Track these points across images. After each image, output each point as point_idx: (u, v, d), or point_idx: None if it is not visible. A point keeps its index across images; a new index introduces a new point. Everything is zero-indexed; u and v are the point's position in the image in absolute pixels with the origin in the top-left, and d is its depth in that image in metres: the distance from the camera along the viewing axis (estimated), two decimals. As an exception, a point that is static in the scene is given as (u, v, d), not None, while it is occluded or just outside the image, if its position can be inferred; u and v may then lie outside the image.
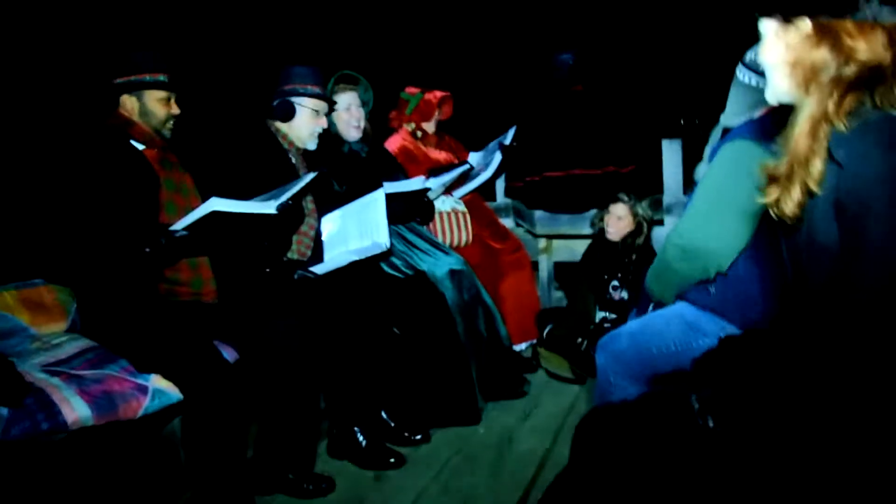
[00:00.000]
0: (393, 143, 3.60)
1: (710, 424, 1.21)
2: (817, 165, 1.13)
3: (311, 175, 2.45)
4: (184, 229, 2.09)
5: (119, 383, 2.06)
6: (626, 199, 3.37)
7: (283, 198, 2.27)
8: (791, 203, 1.16)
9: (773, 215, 1.21)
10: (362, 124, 3.09)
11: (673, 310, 2.00)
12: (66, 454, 1.98)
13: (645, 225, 3.38)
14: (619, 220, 3.37)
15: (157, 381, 2.10)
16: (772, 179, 1.20)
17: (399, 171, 3.29)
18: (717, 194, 1.80)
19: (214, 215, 2.06)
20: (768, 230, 1.61)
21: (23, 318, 2.32)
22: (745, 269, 1.80)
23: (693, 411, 1.24)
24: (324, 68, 2.98)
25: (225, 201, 2.07)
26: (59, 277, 2.36)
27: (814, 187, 1.14)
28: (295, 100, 2.75)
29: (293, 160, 2.80)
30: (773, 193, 1.19)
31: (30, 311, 2.35)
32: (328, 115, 2.92)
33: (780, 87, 1.23)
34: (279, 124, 2.79)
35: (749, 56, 1.97)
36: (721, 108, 2.17)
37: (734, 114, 2.00)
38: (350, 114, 3.05)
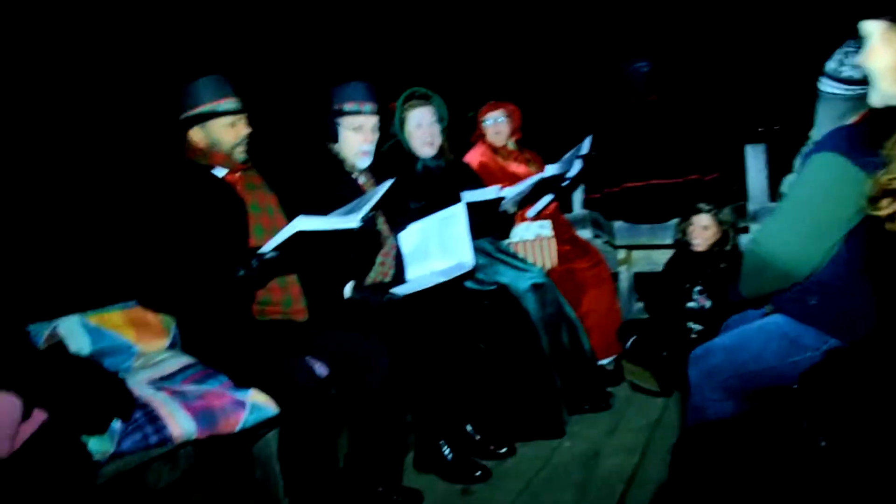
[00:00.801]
0: (472, 158, 3.62)
1: (822, 444, 1.17)
2: None
3: (388, 183, 2.43)
4: (272, 251, 2.16)
5: (219, 398, 2.14)
6: (707, 208, 3.29)
7: (364, 210, 2.31)
8: None
9: (878, 229, 1.17)
10: (436, 141, 3.08)
11: (770, 322, 1.95)
12: (171, 468, 2.07)
13: (731, 232, 3.30)
14: (704, 230, 3.29)
15: (254, 397, 2.18)
16: (885, 193, 1.15)
17: (478, 182, 3.29)
18: (799, 206, 1.77)
19: (301, 234, 2.12)
20: (874, 243, 1.51)
21: (129, 336, 2.43)
22: (851, 282, 1.75)
23: (801, 430, 1.20)
24: (397, 86, 3.01)
25: (309, 219, 2.12)
26: (153, 306, 2.43)
27: None
28: (336, 120, 2.77)
29: (360, 180, 2.83)
30: (887, 207, 1.14)
31: (135, 330, 2.46)
32: (393, 130, 2.93)
33: (888, 92, 1.18)
34: (335, 147, 2.81)
35: (831, 66, 1.95)
36: (802, 112, 2.11)
37: (824, 127, 1.94)
38: (421, 131, 3.05)
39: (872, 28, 1.17)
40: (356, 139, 2.77)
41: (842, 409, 1.22)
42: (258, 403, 2.17)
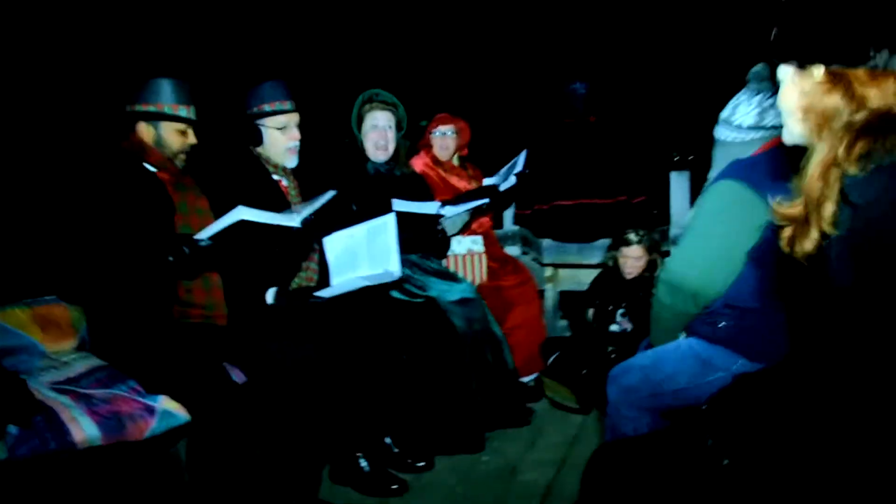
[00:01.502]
0: (413, 165, 3.61)
1: (725, 463, 1.21)
2: (829, 208, 1.15)
3: (331, 193, 2.43)
4: (208, 238, 2.10)
5: (127, 403, 2.07)
6: (637, 238, 3.32)
7: (306, 212, 2.28)
8: (808, 244, 1.17)
9: (784, 253, 1.23)
10: (391, 147, 3.08)
11: (684, 344, 2.03)
12: (72, 474, 1.97)
13: (658, 259, 3.38)
14: (636, 261, 3.35)
15: (164, 403, 2.11)
16: (786, 220, 1.21)
17: (429, 196, 3.27)
18: (702, 231, 1.91)
19: (240, 225, 2.07)
20: (779, 266, 1.64)
21: (34, 335, 2.33)
22: (758, 303, 1.85)
23: (706, 449, 1.24)
24: (355, 88, 2.98)
25: (252, 210, 2.08)
26: (73, 296, 2.35)
27: (827, 229, 1.15)
28: (259, 122, 2.72)
29: (282, 180, 2.80)
30: (789, 234, 1.20)
31: (41, 329, 2.35)
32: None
33: (794, 131, 1.25)
34: (259, 149, 2.76)
35: (725, 114, 2.10)
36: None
37: (718, 169, 2.02)
38: (376, 133, 3.05)
39: (784, 72, 1.24)
40: (282, 138, 2.72)
41: (746, 429, 1.26)
42: (169, 410, 2.10)
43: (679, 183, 3.89)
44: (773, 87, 1.81)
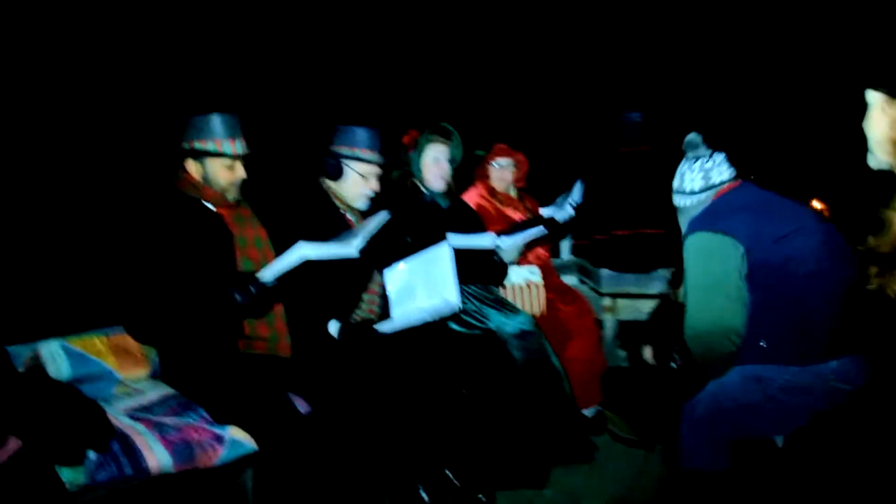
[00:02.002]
0: (468, 198, 3.64)
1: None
2: None
3: (385, 215, 2.43)
4: (274, 279, 2.14)
5: (197, 432, 2.11)
6: None
7: (361, 238, 2.27)
8: (894, 282, 1.13)
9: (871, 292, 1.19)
10: (448, 178, 3.14)
11: (739, 371, 2.16)
12: (144, 500, 2.02)
13: None
14: None
15: (233, 432, 2.15)
16: (874, 257, 1.17)
17: (480, 226, 3.30)
18: (695, 283, 2.18)
19: (302, 263, 2.10)
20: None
21: (110, 363, 2.39)
22: (779, 318, 2.07)
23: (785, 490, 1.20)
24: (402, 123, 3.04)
25: (312, 246, 2.10)
26: (140, 335, 2.39)
27: None
28: (344, 161, 2.77)
29: (349, 216, 2.84)
30: (875, 275, 1.16)
31: (117, 357, 2.42)
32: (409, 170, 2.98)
33: (882, 159, 1.22)
34: (330, 183, 2.82)
35: (676, 183, 2.44)
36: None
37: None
38: (438, 166, 3.10)
39: (873, 98, 1.21)
40: (363, 185, 2.79)
41: (822, 469, 1.23)
42: (237, 439, 2.14)
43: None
44: (709, 149, 2.34)
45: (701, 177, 2.33)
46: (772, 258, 2.09)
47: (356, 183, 2.79)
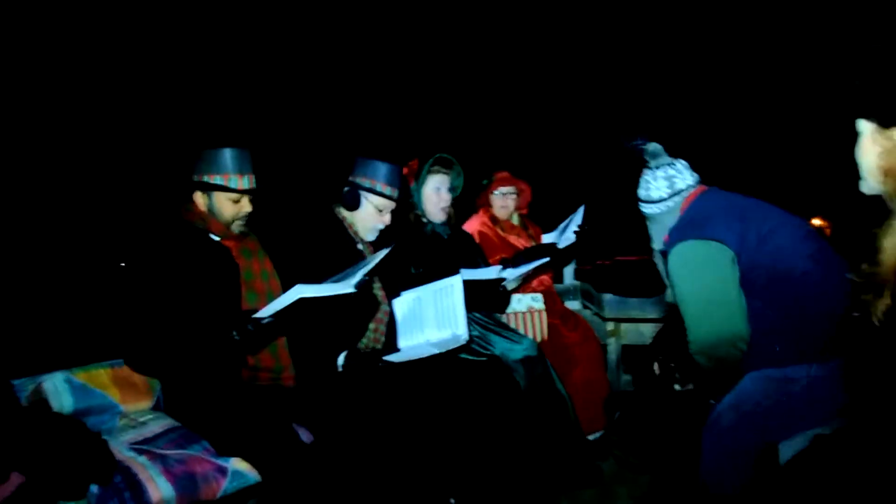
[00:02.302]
0: (470, 226, 3.66)
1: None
2: None
3: (385, 251, 2.45)
4: (270, 316, 2.16)
5: (200, 464, 2.11)
6: None
7: (360, 275, 2.31)
8: (879, 312, 1.14)
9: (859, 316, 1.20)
10: (449, 208, 3.16)
11: (758, 377, 2.14)
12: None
13: None
14: None
15: (236, 463, 2.15)
16: (867, 283, 1.18)
17: (479, 254, 3.32)
18: (693, 293, 2.14)
19: (300, 300, 2.12)
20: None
21: (114, 395, 2.40)
22: (784, 319, 2.06)
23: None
24: (401, 154, 3.06)
25: (309, 287, 2.13)
26: (143, 369, 2.40)
27: None
28: (363, 193, 2.80)
29: (360, 247, 2.86)
30: (867, 297, 1.17)
31: (120, 389, 2.42)
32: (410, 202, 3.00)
33: (874, 188, 1.23)
34: (344, 212, 2.85)
35: (641, 193, 2.44)
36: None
37: (659, 237, 2.41)
38: (439, 196, 3.12)
39: (864, 127, 1.23)
40: (376, 217, 2.82)
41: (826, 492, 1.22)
42: (240, 470, 2.15)
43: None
44: (669, 156, 2.39)
45: (666, 185, 2.36)
46: (761, 259, 2.10)
47: (371, 215, 2.82)
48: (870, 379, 1.22)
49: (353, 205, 2.80)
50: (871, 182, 1.24)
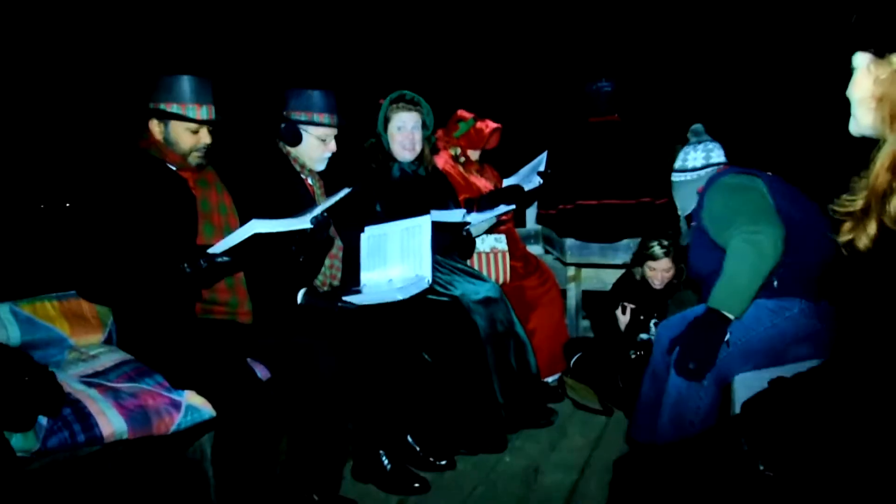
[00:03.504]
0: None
1: (761, 468, 1.19)
2: (895, 202, 1.11)
3: (345, 191, 2.41)
4: (223, 253, 2.11)
5: (153, 398, 2.08)
6: (664, 251, 3.27)
7: (317, 211, 2.28)
8: (865, 239, 1.14)
9: (842, 250, 1.20)
10: (417, 147, 3.09)
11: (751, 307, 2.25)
12: (97, 467, 1.98)
13: (683, 266, 3.33)
14: (665, 272, 3.31)
15: (190, 398, 2.12)
16: (846, 215, 1.18)
17: (451, 195, 3.29)
18: (738, 207, 2.27)
19: (255, 236, 2.07)
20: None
21: (63, 328, 2.33)
22: (791, 257, 2.20)
23: (741, 453, 1.22)
24: (378, 89, 2.99)
25: (265, 222, 2.08)
26: (93, 297, 2.34)
27: (890, 224, 1.12)
28: (301, 127, 2.74)
29: (309, 181, 2.82)
30: (847, 231, 1.17)
31: (69, 322, 2.36)
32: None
33: (863, 121, 1.22)
34: (288, 147, 2.79)
35: (678, 163, 2.67)
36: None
37: (684, 204, 2.68)
38: (403, 134, 3.06)
39: (860, 59, 1.21)
40: (321, 147, 2.78)
41: (782, 434, 1.24)
42: (194, 405, 2.12)
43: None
44: (709, 136, 2.64)
45: (703, 156, 2.62)
46: (782, 203, 2.30)
47: (315, 147, 2.77)
48: (853, 316, 1.23)
49: (295, 140, 2.75)
50: (860, 115, 1.24)
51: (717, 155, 2.61)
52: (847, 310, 1.27)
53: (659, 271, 3.29)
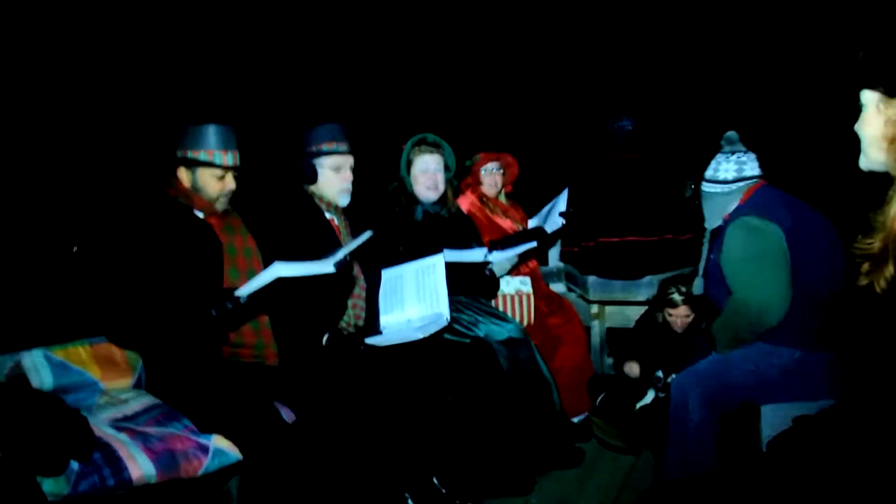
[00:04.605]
0: (461, 206, 3.65)
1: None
2: None
3: (367, 234, 2.46)
4: (248, 295, 2.15)
5: (181, 442, 2.10)
6: (683, 299, 3.22)
7: (340, 255, 2.32)
8: (883, 282, 1.14)
9: (861, 291, 1.20)
10: (441, 187, 3.15)
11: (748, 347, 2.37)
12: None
13: (703, 311, 3.29)
14: (685, 318, 3.29)
15: (217, 441, 2.14)
16: (864, 258, 1.18)
17: (475, 236, 3.32)
18: (749, 262, 2.29)
19: (279, 279, 2.11)
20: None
21: (94, 373, 2.37)
22: (798, 306, 2.24)
23: (768, 492, 1.21)
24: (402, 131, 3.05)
25: (287, 265, 2.12)
26: (122, 342, 2.39)
27: None
28: (315, 161, 2.81)
29: (334, 219, 2.87)
30: (866, 273, 1.17)
31: (100, 366, 2.40)
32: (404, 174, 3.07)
33: (875, 159, 1.23)
34: (312, 187, 2.86)
35: (709, 173, 2.57)
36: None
37: (711, 216, 2.62)
38: (427, 176, 3.12)
39: (868, 98, 1.22)
40: (336, 178, 2.83)
41: (806, 473, 1.23)
42: (221, 448, 2.13)
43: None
44: (743, 146, 2.49)
45: (735, 168, 2.51)
46: (799, 251, 2.30)
47: (330, 179, 2.83)
48: (864, 360, 1.23)
49: (312, 176, 2.81)
50: (872, 154, 1.24)
51: (751, 168, 2.51)
52: (862, 352, 1.26)
53: (678, 317, 3.27)
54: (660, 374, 3.25)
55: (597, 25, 5.78)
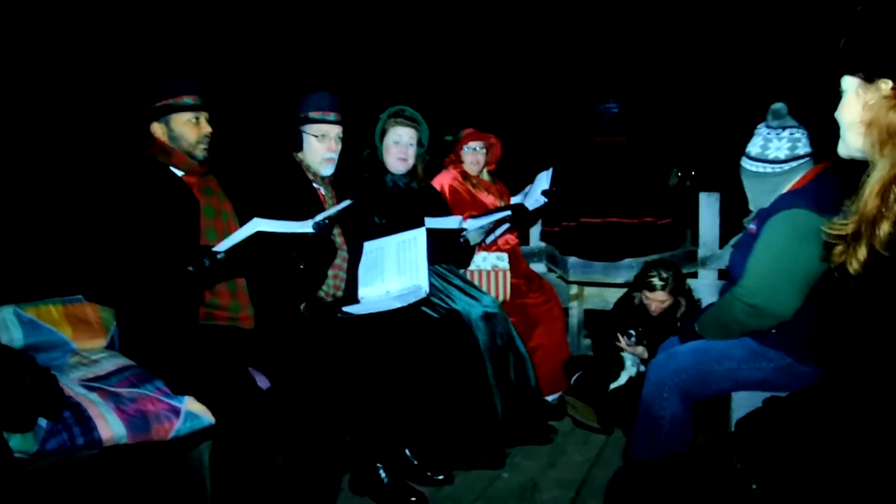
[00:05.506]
0: (441, 181, 3.64)
1: (753, 487, 1.19)
2: (885, 227, 1.11)
3: (348, 202, 2.46)
4: (226, 252, 2.13)
5: (153, 403, 2.09)
6: (662, 285, 3.23)
7: (319, 217, 2.31)
8: (856, 263, 1.15)
9: (834, 274, 1.21)
10: (410, 161, 3.12)
11: (734, 340, 2.28)
12: (95, 471, 1.99)
13: (682, 300, 3.31)
14: (661, 303, 3.30)
15: (190, 405, 2.13)
16: (837, 239, 1.19)
17: (445, 210, 3.31)
18: (780, 260, 2.12)
19: (257, 236, 2.09)
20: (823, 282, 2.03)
21: (66, 332, 2.35)
22: (803, 312, 2.12)
23: (734, 471, 1.22)
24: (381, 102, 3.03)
25: (267, 221, 2.10)
26: (99, 298, 2.38)
27: (880, 249, 1.12)
28: (302, 127, 2.81)
29: (321, 189, 2.85)
30: (839, 254, 1.18)
31: (72, 326, 2.38)
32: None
33: (852, 145, 1.23)
34: (300, 155, 2.85)
35: (755, 150, 2.32)
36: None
37: (757, 197, 2.35)
38: (398, 148, 3.09)
39: (848, 83, 1.22)
40: (320, 147, 2.80)
41: (776, 453, 1.24)
42: (193, 412, 2.12)
43: (708, 204, 3.86)
44: (794, 121, 2.25)
45: (788, 146, 2.27)
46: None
47: (315, 147, 2.81)
48: (844, 340, 1.24)
49: (299, 143, 2.81)
50: (850, 139, 1.24)
51: (804, 145, 2.27)
52: (839, 333, 1.27)
53: (653, 301, 3.29)
54: (632, 332, 3.30)
55: (587, 9, 5.76)
